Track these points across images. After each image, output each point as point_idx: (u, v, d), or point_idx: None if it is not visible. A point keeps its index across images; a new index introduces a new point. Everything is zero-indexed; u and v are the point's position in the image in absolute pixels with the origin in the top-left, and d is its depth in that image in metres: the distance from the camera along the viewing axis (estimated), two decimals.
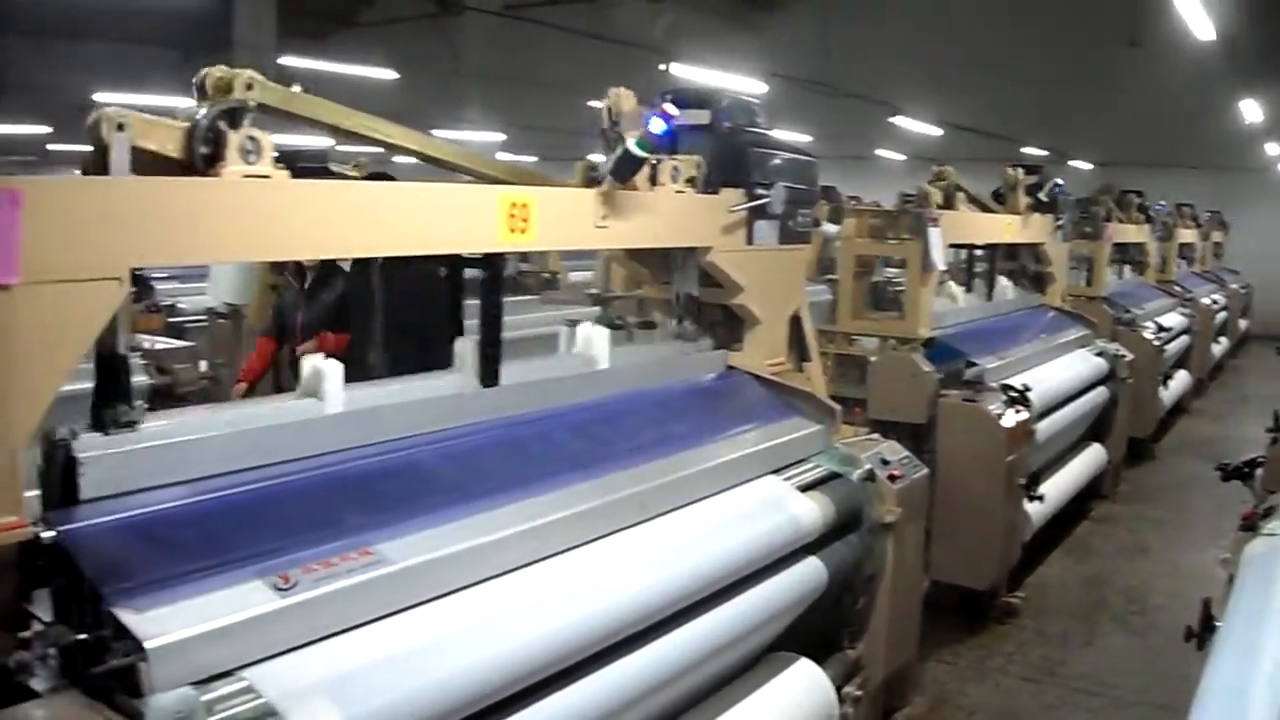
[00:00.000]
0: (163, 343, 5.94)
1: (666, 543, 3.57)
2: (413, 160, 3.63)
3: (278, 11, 20.81)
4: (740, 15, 26.09)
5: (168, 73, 22.52)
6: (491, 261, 3.63)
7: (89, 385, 2.74)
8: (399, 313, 4.11)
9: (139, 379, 2.83)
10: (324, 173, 3.76)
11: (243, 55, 18.69)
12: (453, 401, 3.53)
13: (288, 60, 17.78)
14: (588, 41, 19.65)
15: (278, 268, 7.76)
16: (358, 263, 3.90)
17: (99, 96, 19.96)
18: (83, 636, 2.42)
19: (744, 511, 3.93)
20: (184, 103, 2.88)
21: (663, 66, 16.22)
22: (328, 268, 4.67)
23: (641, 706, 3.40)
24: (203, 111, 2.85)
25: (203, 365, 6.43)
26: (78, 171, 2.80)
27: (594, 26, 20.29)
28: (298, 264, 4.53)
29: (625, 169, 3.82)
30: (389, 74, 18.54)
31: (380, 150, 3.77)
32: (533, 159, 22.51)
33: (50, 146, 27.40)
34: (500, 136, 25.82)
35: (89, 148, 2.70)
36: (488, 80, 25.49)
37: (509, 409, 3.66)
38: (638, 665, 3.32)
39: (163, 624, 2.37)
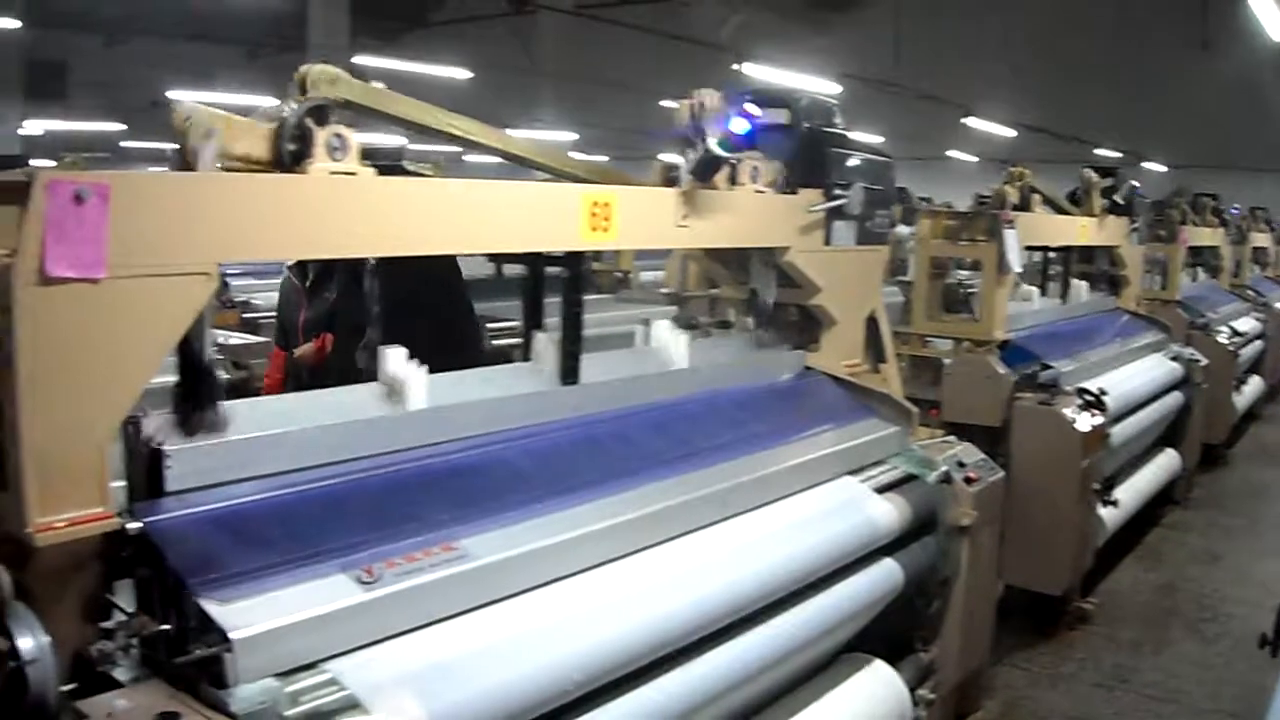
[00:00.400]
0: (238, 338, 6.01)
1: (745, 542, 3.56)
2: (488, 160, 3.63)
3: (350, 11, 20.94)
4: (811, 15, 26.02)
5: (236, 70, 22.76)
6: (573, 260, 3.64)
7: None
8: (395, 315, 4.06)
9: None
10: (399, 171, 3.75)
11: (316, 54, 18.80)
12: (533, 399, 3.54)
13: (361, 59, 17.88)
14: (660, 41, 19.68)
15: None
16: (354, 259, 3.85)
17: (171, 94, 20.19)
18: (165, 627, 2.44)
19: (822, 512, 3.92)
20: (252, 100, 2.90)
21: (735, 66, 16.19)
22: (328, 263, 4.56)
23: (718, 705, 3.40)
24: (291, 108, 2.87)
25: None
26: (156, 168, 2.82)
27: (666, 26, 20.29)
28: (300, 260, 4.44)
29: (706, 168, 3.81)
30: (463, 73, 18.59)
31: (454, 149, 3.79)
32: (604, 158, 22.55)
33: (123, 144, 27.67)
34: (572, 136, 25.90)
35: (162, 145, 2.73)
36: (560, 79, 25.57)
37: (589, 407, 3.67)
38: (715, 664, 3.31)
39: (248, 615, 2.39)
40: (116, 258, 2.43)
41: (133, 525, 2.50)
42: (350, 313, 4.23)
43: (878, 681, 4.09)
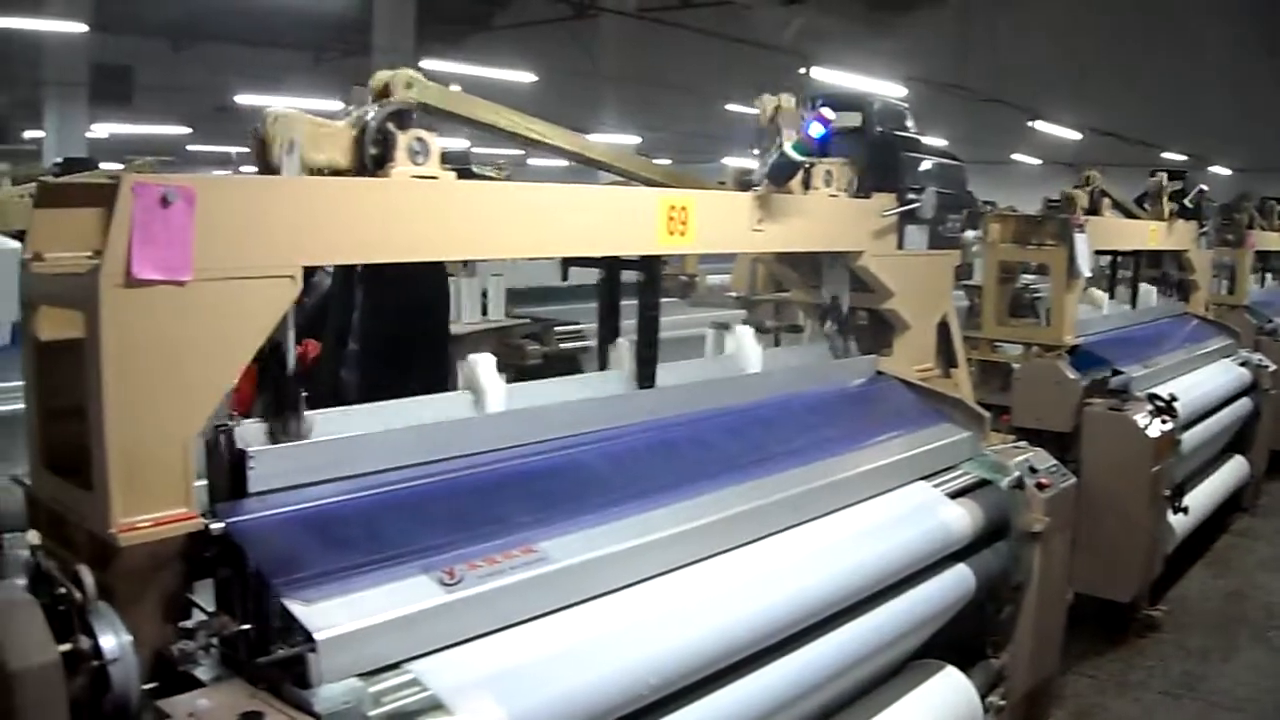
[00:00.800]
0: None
1: (820, 547, 3.55)
2: (551, 164, 3.63)
3: (415, 15, 21.01)
4: (875, 18, 25.92)
5: (301, 74, 22.89)
6: (649, 264, 3.64)
7: None
8: (378, 325, 4.01)
9: None
10: (466, 174, 3.74)
11: (381, 58, 18.90)
12: (611, 402, 3.55)
13: (426, 63, 17.96)
14: (722, 44, 19.64)
15: None
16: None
17: (237, 98, 20.36)
18: (246, 627, 2.45)
19: (895, 517, 3.90)
20: (318, 104, 2.90)
21: (802, 70, 16.15)
22: (310, 270, 4.49)
23: (791, 710, 3.39)
24: (372, 113, 2.88)
25: None
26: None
27: (729, 29, 20.25)
28: None
29: (782, 172, 3.80)
30: (527, 76, 18.62)
31: (517, 152, 3.80)
32: (666, 162, 22.49)
33: (189, 147, 27.88)
34: (636, 139, 25.90)
35: (227, 148, 2.75)
36: (622, 83, 25.58)
37: (665, 410, 3.67)
38: (789, 669, 3.31)
39: (331, 616, 2.40)
40: (201, 260, 2.45)
41: (216, 526, 2.52)
42: (335, 321, 4.15)
43: (950, 688, 4.06)
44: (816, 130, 3.76)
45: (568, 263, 4.09)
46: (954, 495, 4.21)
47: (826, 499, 3.74)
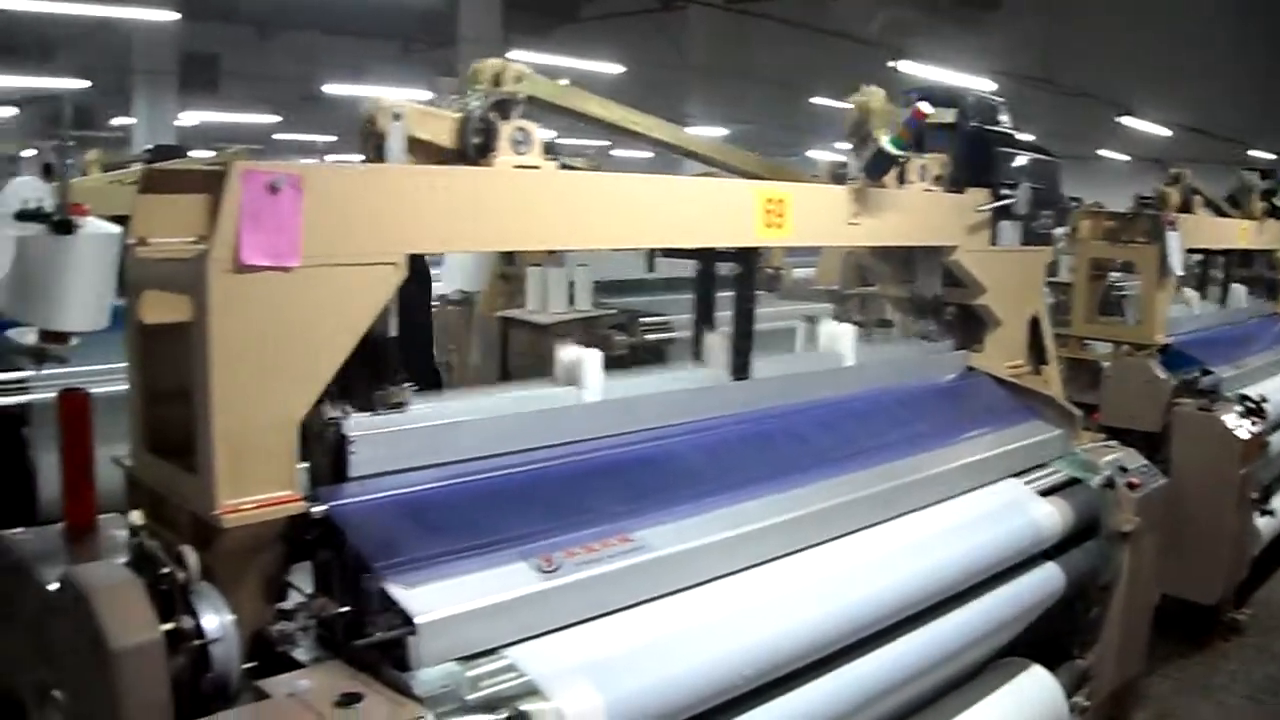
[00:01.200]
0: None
1: (912, 541, 3.54)
2: (636, 154, 3.64)
3: (502, 6, 21.03)
4: (963, 12, 25.68)
5: (388, 65, 23.00)
6: (745, 256, 3.63)
7: None
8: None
9: None
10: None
11: (468, 49, 18.95)
12: (706, 394, 3.55)
13: (514, 54, 17.97)
14: (810, 36, 19.53)
15: (508, 256, 7.86)
16: None
17: (325, 87, 20.47)
18: (344, 610, 2.47)
19: (986, 513, 3.88)
20: (404, 95, 2.91)
21: (891, 63, 16.02)
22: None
23: (880, 705, 3.38)
24: (475, 102, 2.89)
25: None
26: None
27: (816, 22, 20.12)
28: None
29: (878, 167, 3.79)
30: (615, 68, 18.58)
31: (602, 143, 3.80)
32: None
33: (276, 136, 28.10)
34: (723, 131, 25.82)
35: (314, 137, 2.78)
36: (709, 75, 25.49)
37: (759, 402, 3.67)
38: (878, 663, 3.30)
39: (431, 600, 2.43)
40: (308, 247, 2.48)
41: (317, 509, 2.55)
42: None
43: (1036, 686, 4.03)
44: (913, 124, 3.73)
45: (654, 254, 4.09)
46: (1044, 493, 4.18)
47: (918, 494, 3.73)
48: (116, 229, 3.31)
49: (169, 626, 2.33)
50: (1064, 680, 4.18)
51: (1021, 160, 4.64)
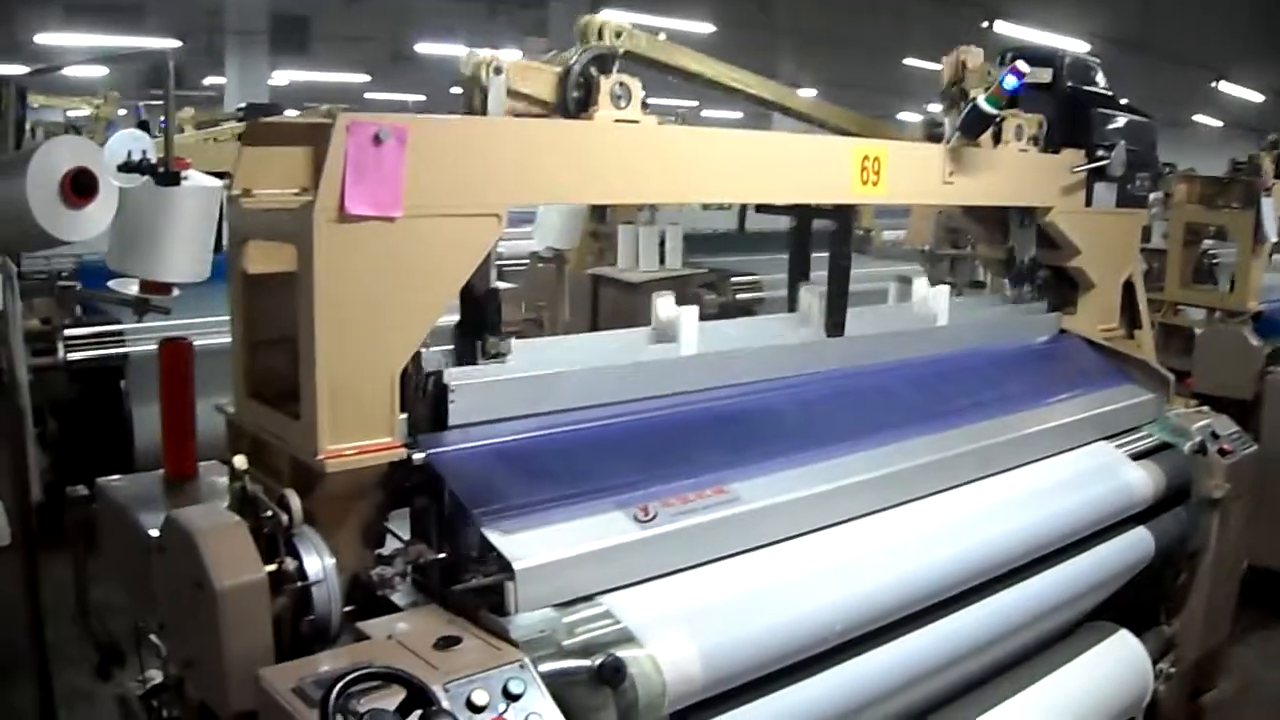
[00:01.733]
0: None
1: (1003, 501, 3.53)
2: (725, 114, 3.62)
3: None
4: None
5: (478, 24, 22.98)
6: (842, 213, 3.62)
7: None
8: None
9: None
10: None
11: (558, 7, 18.93)
12: (801, 349, 3.55)
13: (606, 13, 17.89)
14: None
15: (599, 214, 7.88)
16: None
17: (416, 47, 20.51)
18: (442, 555, 2.52)
19: (1078, 475, 3.85)
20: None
21: (984, 24, 15.85)
22: None
23: (967, 664, 3.39)
24: (576, 57, 2.91)
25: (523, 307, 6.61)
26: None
27: None
28: None
29: (974, 126, 3.76)
30: (705, 27, 18.45)
31: (691, 104, 3.80)
32: None
33: (368, 95, 28.19)
34: (812, 93, 25.57)
35: (405, 96, 2.80)
36: (798, 35, 25.26)
37: (853, 359, 3.67)
38: (967, 622, 3.30)
39: (529, 547, 2.46)
40: (411, 198, 2.51)
41: (418, 455, 2.58)
42: None
43: (1123, 651, 4.00)
44: (1010, 83, 3.70)
45: (745, 212, 4.08)
46: (1136, 457, 4.14)
47: (1011, 454, 3.72)
48: (217, 182, 3.36)
49: (271, 568, 2.37)
50: (1150, 646, 4.14)
51: (1117, 121, 4.58)
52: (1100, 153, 4.37)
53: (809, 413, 3.38)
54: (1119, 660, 3.96)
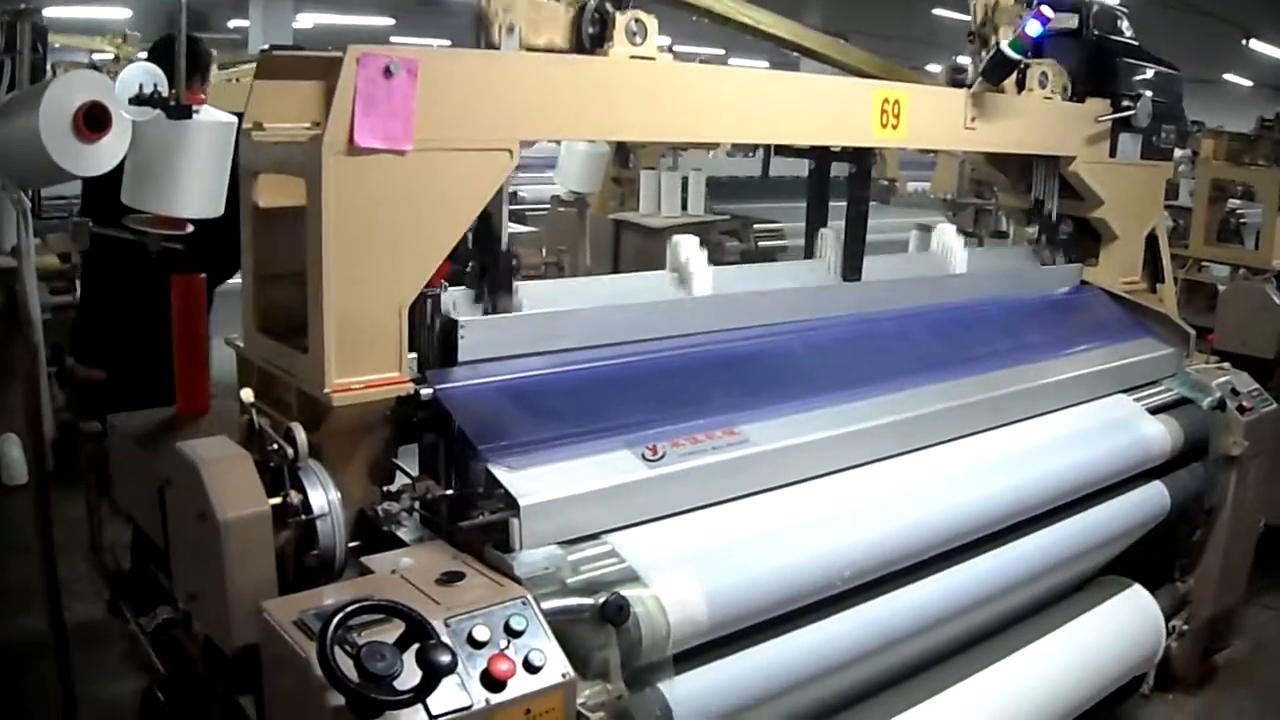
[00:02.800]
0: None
1: (1018, 450, 3.50)
2: (750, 63, 3.57)
3: None
4: None
5: None
6: (860, 156, 3.59)
7: None
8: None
9: None
10: None
11: None
12: (817, 293, 3.53)
13: None
14: None
15: (622, 159, 7.84)
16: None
17: None
18: (449, 492, 2.51)
19: (1095, 426, 3.82)
20: None
21: None
22: None
23: (977, 614, 3.37)
24: None
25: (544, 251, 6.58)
26: None
27: None
28: None
29: (997, 71, 3.71)
30: None
31: (719, 51, 3.74)
32: None
33: (393, 39, 28.13)
34: (839, 42, 25.34)
35: (429, 40, 2.76)
36: None
37: (869, 305, 3.64)
38: (979, 571, 3.29)
39: (535, 484, 2.45)
40: (422, 131, 2.48)
41: (425, 391, 2.57)
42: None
43: (1136, 606, 3.99)
44: (1034, 29, 3.65)
45: (769, 159, 4.05)
46: (1154, 411, 4.11)
47: (1027, 403, 3.69)
48: (232, 118, 3.34)
49: (276, 501, 2.37)
50: (1163, 603, 4.13)
51: (1144, 72, 4.53)
52: (1126, 103, 4.32)
53: (823, 357, 3.35)
54: (1132, 615, 3.95)
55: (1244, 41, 21.38)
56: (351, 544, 2.50)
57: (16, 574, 3.64)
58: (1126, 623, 3.91)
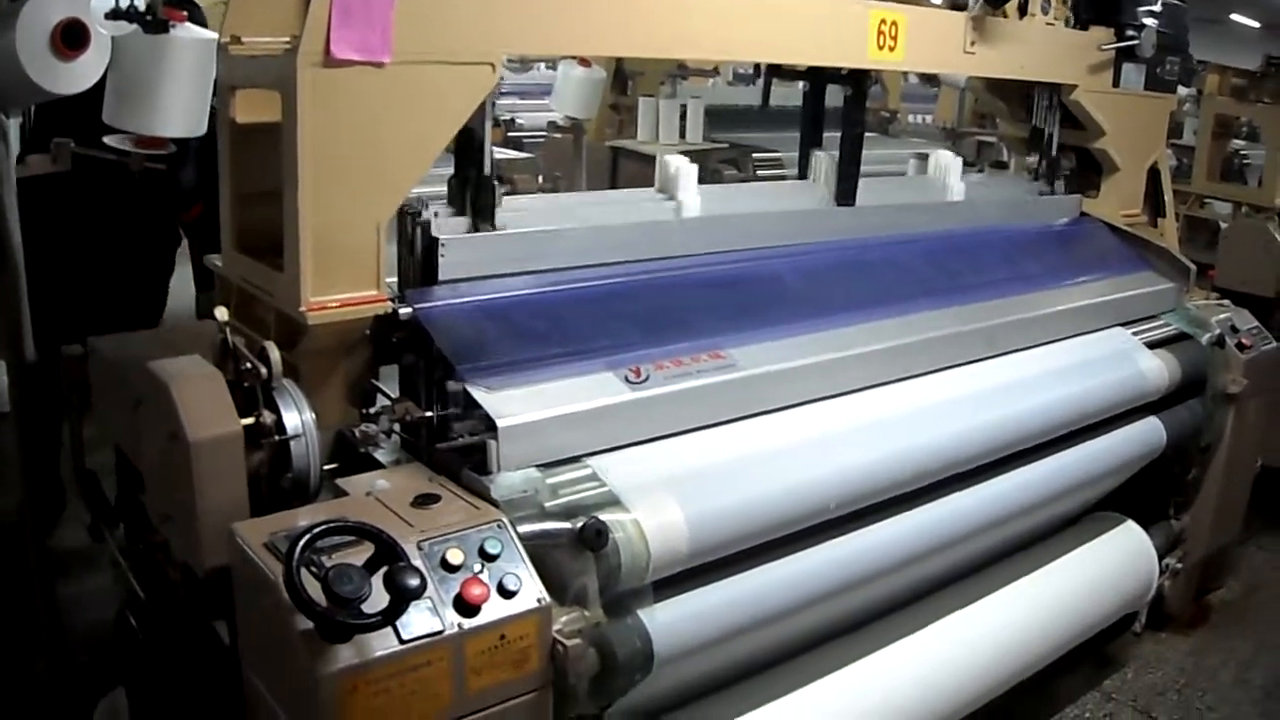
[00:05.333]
0: (502, 154, 6.02)
1: (1011, 380, 3.44)
2: None
3: None
4: None
5: None
6: (857, 78, 3.52)
7: None
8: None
9: None
10: None
11: None
12: (808, 216, 3.47)
13: None
14: None
15: (619, 86, 7.78)
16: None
17: None
18: (429, 414, 2.45)
19: (1091, 359, 3.76)
20: None
21: None
22: None
23: (966, 547, 3.33)
24: None
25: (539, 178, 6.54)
26: None
27: None
28: None
29: None
30: None
31: None
32: None
33: None
34: None
35: None
36: None
37: (862, 230, 3.57)
38: (967, 504, 3.23)
39: (514, 405, 2.40)
40: (401, 43, 2.42)
41: (404, 310, 2.53)
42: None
43: (1129, 542, 3.96)
44: None
45: (770, 85, 3.99)
46: (1152, 345, 4.05)
47: (1021, 333, 3.63)
48: (213, 34, 3.28)
49: (249, 421, 2.32)
50: (1157, 540, 4.09)
51: (1149, 2, 4.45)
52: (1130, 32, 4.25)
53: (814, 282, 3.29)
54: (1124, 551, 3.92)
55: None
56: (328, 466, 2.46)
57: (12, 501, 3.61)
58: (1119, 559, 3.88)
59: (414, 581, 1.91)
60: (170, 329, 3.37)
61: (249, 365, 2.39)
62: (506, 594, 2.09)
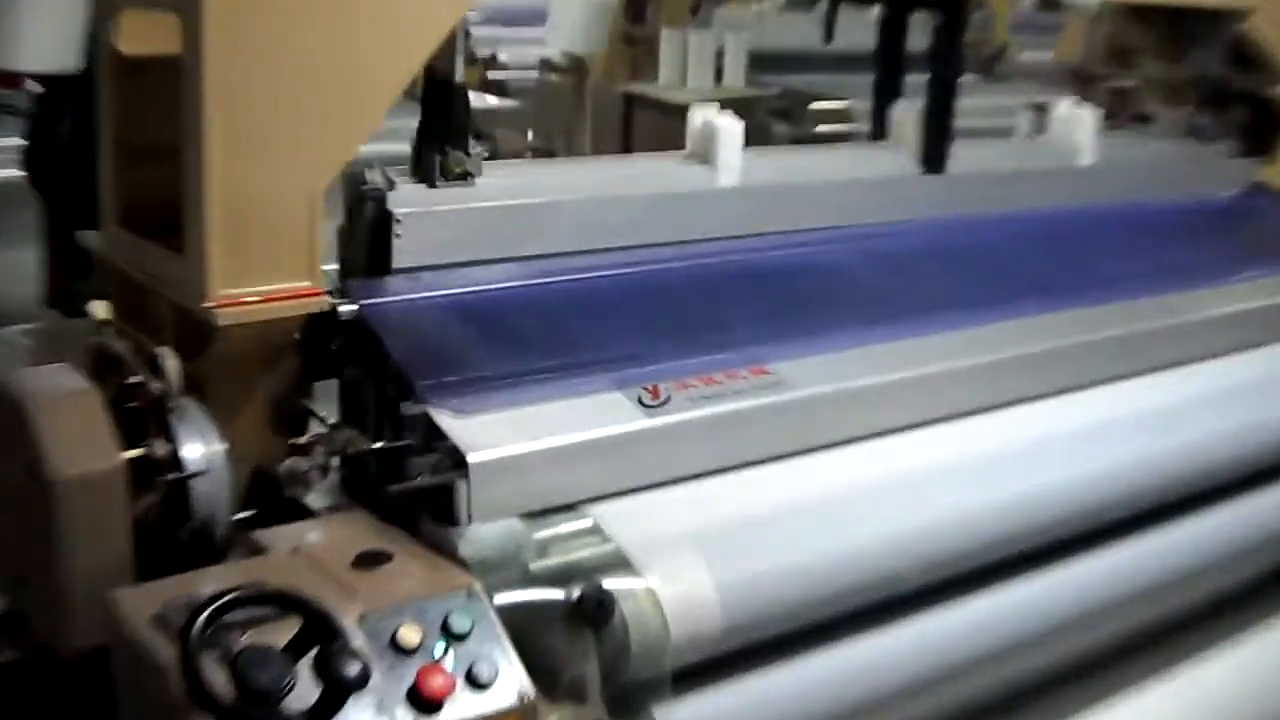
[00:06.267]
0: (481, 100, 6.03)
1: (1156, 410, 3.44)
2: None
3: None
4: None
5: None
6: (951, 3, 3.51)
7: None
8: None
9: None
10: None
11: None
12: (884, 187, 3.49)
13: None
14: None
15: (635, 12, 7.76)
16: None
17: None
18: (379, 445, 2.46)
19: (1264, 383, 3.76)
20: None
21: None
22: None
23: (1086, 635, 3.30)
24: None
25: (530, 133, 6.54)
26: None
27: None
28: None
29: None
30: None
31: None
32: None
33: None
34: None
35: None
36: None
37: (957, 204, 3.60)
38: (1096, 570, 3.22)
39: (491, 434, 2.40)
40: None
41: (346, 307, 2.52)
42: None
43: None
44: None
45: (834, 16, 4.01)
46: None
47: (1171, 346, 3.63)
48: None
49: (135, 453, 2.34)
50: None
51: None
52: None
53: (889, 275, 3.31)
54: None
55: None
56: (242, 514, 2.48)
57: None
58: None
59: (354, 669, 1.93)
60: (27, 329, 3.37)
61: (136, 379, 2.41)
62: (478, 685, 2.09)
